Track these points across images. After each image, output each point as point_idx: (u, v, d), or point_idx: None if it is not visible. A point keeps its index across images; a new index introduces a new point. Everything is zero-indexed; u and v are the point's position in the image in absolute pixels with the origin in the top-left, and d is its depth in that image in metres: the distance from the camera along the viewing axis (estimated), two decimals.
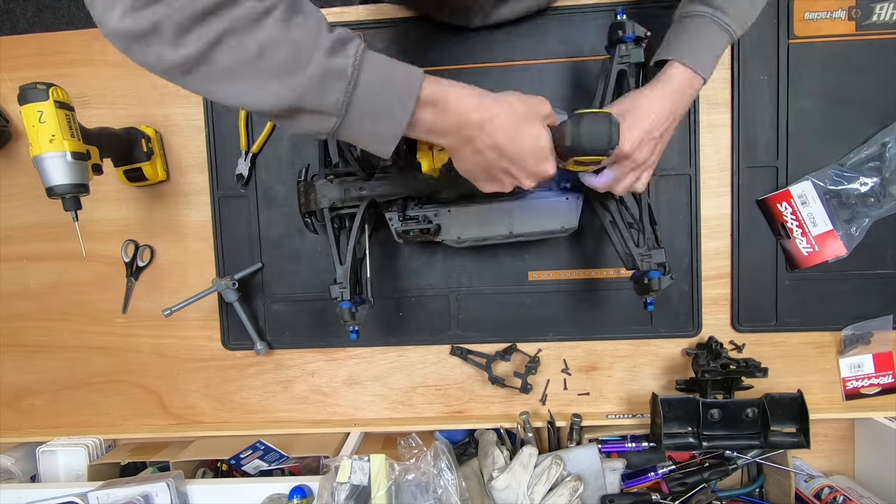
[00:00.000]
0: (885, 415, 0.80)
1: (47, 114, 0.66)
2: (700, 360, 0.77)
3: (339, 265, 0.71)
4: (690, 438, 0.76)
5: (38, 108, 0.66)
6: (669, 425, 0.76)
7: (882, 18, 0.78)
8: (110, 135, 0.78)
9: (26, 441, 0.89)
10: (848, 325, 0.81)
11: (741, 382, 0.77)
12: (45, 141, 0.66)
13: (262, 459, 0.81)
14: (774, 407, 0.74)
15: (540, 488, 0.73)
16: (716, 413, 0.75)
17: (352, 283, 0.71)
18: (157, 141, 0.85)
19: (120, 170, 0.83)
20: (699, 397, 0.76)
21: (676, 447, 0.77)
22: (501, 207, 0.73)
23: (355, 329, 0.71)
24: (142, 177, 0.83)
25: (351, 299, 0.70)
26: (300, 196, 0.73)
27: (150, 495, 0.73)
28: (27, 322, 0.90)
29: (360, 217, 0.71)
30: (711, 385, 0.76)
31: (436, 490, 0.71)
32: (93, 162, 0.72)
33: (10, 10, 1.64)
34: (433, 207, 0.73)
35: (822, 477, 0.82)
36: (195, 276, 0.87)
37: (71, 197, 0.68)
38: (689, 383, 0.81)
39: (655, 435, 0.78)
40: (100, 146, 0.74)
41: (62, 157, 0.67)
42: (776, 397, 0.74)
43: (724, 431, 0.76)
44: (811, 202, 0.79)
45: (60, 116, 0.67)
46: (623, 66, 0.68)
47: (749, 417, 0.75)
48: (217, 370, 0.89)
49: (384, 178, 0.72)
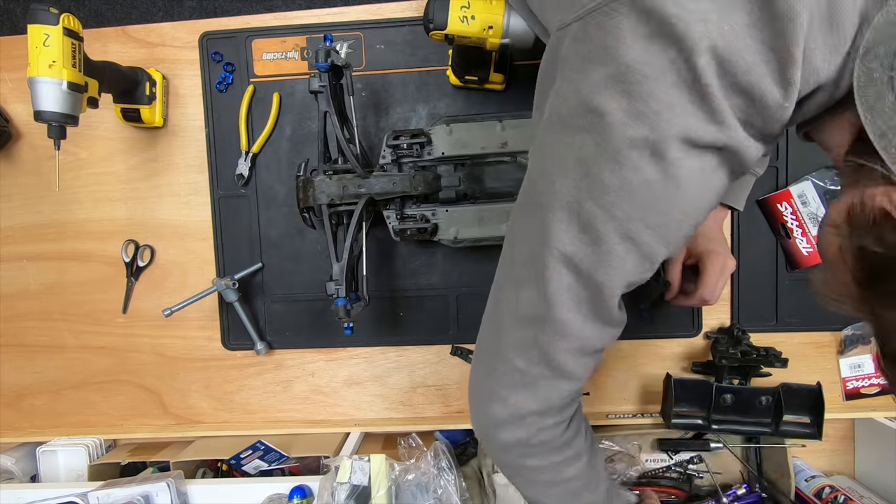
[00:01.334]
0: (885, 415, 0.80)
1: (53, 38, 0.64)
2: (720, 344, 0.77)
3: (335, 262, 0.71)
4: (699, 420, 0.77)
5: (45, 31, 0.64)
6: (680, 405, 0.77)
7: None
8: (115, 70, 0.77)
9: (27, 441, 0.89)
10: (848, 325, 0.81)
11: (759, 370, 0.77)
12: (45, 65, 0.64)
13: (262, 459, 0.81)
14: (790, 396, 0.74)
15: None
16: (729, 398, 0.75)
17: (348, 281, 0.71)
18: (163, 87, 0.84)
19: (118, 106, 0.83)
20: (714, 381, 0.76)
21: (685, 426, 0.78)
22: (499, 208, 0.73)
23: (350, 325, 0.71)
24: (138, 118, 0.83)
25: (346, 296, 0.70)
26: (299, 191, 0.73)
27: (150, 495, 0.73)
28: (27, 322, 0.90)
29: (357, 214, 0.71)
30: (728, 370, 0.76)
31: (436, 490, 0.71)
32: (90, 95, 0.70)
33: (10, 10, 1.64)
34: (431, 207, 0.73)
35: (823, 476, 0.82)
36: (195, 276, 0.87)
37: (57, 126, 0.67)
38: (706, 366, 0.81)
39: (665, 413, 0.79)
40: (101, 80, 0.73)
41: (58, 84, 0.65)
42: (793, 387, 0.74)
43: (735, 416, 0.76)
44: (811, 202, 0.79)
45: (66, 44, 0.65)
46: None
47: (762, 405, 0.75)
48: (217, 370, 0.89)
49: (383, 176, 0.72)
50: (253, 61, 0.83)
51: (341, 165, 0.74)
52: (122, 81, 0.79)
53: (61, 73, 0.65)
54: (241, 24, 0.84)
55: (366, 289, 0.75)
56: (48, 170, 0.88)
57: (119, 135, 0.86)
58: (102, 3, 1.57)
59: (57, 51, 0.65)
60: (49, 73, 0.65)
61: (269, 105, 0.83)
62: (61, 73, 0.65)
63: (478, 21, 0.65)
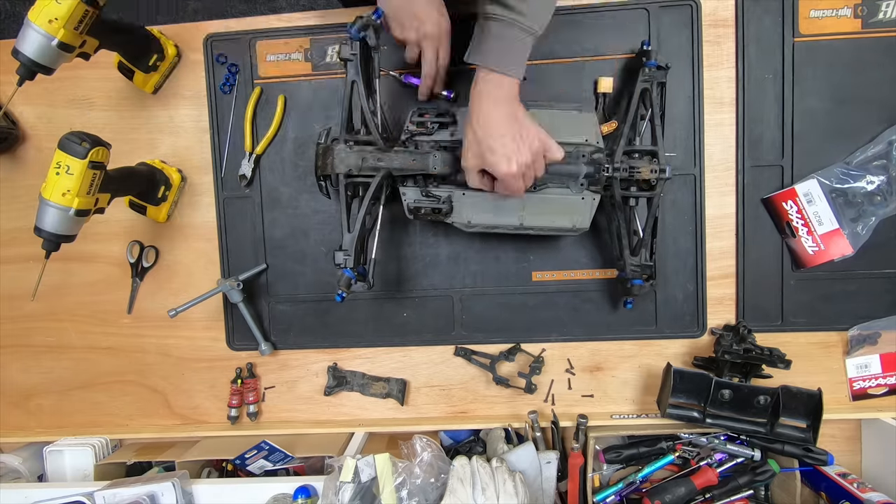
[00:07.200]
0: (892, 415, 0.80)
1: (75, 170, 0.66)
2: (724, 340, 0.77)
3: (346, 232, 0.71)
4: (695, 413, 0.77)
5: (69, 162, 0.66)
6: (678, 396, 0.76)
7: (888, 16, 0.77)
8: (131, 178, 0.79)
9: (34, 441, 0.90)
10: (854, 325, 0.81)
11: (760, 370, 0.76)
12: (59, 192, 0.66)
13: (266, 459, 0.82)
14: (789, 399, 0.73)
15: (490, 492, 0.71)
16: (727, 394, 0.75)
17: (357, 254, 0.71)
18: (178, 188, 0.85)
19: (127, 198, 0.84)
20: (714, 376, 0.76)
21: (679, 417, 0.77)
22: (515, 198, 0.72)
23: (342, 294, 0.71)
24: (143, 212, 0.85)
25: (354, 269, 0.70)
26: (318, 158, 0.73)
27: (155, 495, 0.73)
28: (34, 323, 0.91)
29: (374, 187, 0.71)
30: (729, 367, 0.76)
31: (440, 488, 0.71)
32: (98, 207, 0.72)
33: (17, 13, 1.66)
34: (448, 189, 0.73)
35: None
36: (200, 277, 0.88)
37: (52, 243, 0.69)
38: (707, 362, 0.81)
39: (661, 403, 0.78)
40: (114, 192, 0.75)
41: (65, 211, 0.67)
42: (793, 390, 0.73)
43: (730, 413, 0.76)
44: (817, 201, 0.79)
45: (86, 176, 0.67)
46: (645, 85, 0.73)
47: (760, 405, 0.75)
48: (222, 370, 0.89)
49: (403, 152, 0.72)
50: (257, 63, 0.84)
51: (363, 137, 0.74)
52: (136, 186, 0.81)
53: (72, 201, 0.67)
54: (245, 26, 0.84)
55: (372, 272, 0.74)
56: None
57: (124, 137, 0.87)
58: (107, 6, 1.58)
59: (75, 182, 0.66)
60: (60, 201, 0.67)
61: (273, 107, 0.83)
62: (72, 201, 0.67)
63: None
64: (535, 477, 0.77)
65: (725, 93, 0.80)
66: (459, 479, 0.70)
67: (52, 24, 0.64)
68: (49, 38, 0.65)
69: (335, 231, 0.85)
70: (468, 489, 0.70)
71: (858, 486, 0.75)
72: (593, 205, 0.73)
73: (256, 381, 0.88)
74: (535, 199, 0.73)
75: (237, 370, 0.88)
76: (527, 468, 0.76)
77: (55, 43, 0.65)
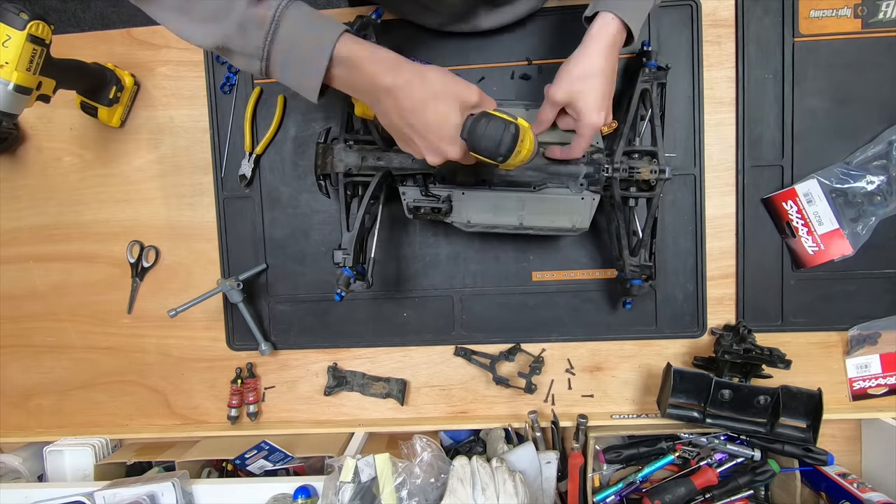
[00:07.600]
0: (892, 415, 0.80)
1: (13, 42, 0.65)
2: (724, 340, 0.77)
3: (345, 231, 0.71)
4: (695, 413, 0.77)
5: (8, 32, 0.65)
6: (677, 396, 0.76)
7: (888, 16, 0.77)
8: (76, 70, 0.77)
9: (33, 441, 0.90)
10: (855, 325, 0.81)
11: (760, 370, 0.76)
12: None
13: (266, 459, 0.82)
14: (789, 399, 0.73)
15: (490, 493, 0.71)
16: (727, 394, 0.75)
17: (356, 253, 0.71)
18: (130, 92, 0.84)
19: (78, 98, 0.83)
20: (714, 376, 0.76)
21: (679, 418, 0.77)
22: (515, 197, 0.73)
23: (341, 293, 0.71)
24: (94, 114, 0.84)
25: (353, 268, 0.70)
26: (317, 157, 0.73)
27: (155, 495, 0.73)
28: (34, 323, 0.91)
29: (373, 186, 0.71)
30: (729, 367, 0.76)
31: (440, 488, 0.71)
32: (42, 93, 0.71)
33: None
34: (448, 188, 0.73)
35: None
36: (200, 277, 0.88)
37: None
38: (707, 361, 0.81)
39: (661, 403, 0.78)
40: (60, 80, 0.73)
41: (4, 84, 0.66)
42: (793, 390, 0.73)
43: (730, 413, 0.76)
44: (817, 201, 0.79)
45: (26, 49, 0.66)
46: (645, 86, 0.74)
47: (760, 405, 0.75)
48: (222, 370, 0.89)
49: (403, 152, 0.72)
50: None
51: (363, 136, 0.74)
52: (82, 81, 0.79)
53: (11, 74, 0.66)
54: None
55: (371, 271, 0.74)
56: (54, 171, 0.88)
57: (124, 136, 0.87)
58: (108, 6, 1.58)
59: (13, 54, 0.65)
60: None
61: (273, 107, 0.83)
62: (11, 74, 0.66)
63: None
64: (535, 477, 0.77)
65: (725, 93, 0.80)
66: (459, 479, 0.70)
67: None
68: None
69: (335, 231, 0.85)
70: (468, 489, 0.70)
71: (858, 486, 0.75)
72: (593, 205, 0.73)
73: (256, 381, 0.88)
74: (535, 198, 0.73)
75: (237, 370, 0.88)
76: (527, 468, 0.76)
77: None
